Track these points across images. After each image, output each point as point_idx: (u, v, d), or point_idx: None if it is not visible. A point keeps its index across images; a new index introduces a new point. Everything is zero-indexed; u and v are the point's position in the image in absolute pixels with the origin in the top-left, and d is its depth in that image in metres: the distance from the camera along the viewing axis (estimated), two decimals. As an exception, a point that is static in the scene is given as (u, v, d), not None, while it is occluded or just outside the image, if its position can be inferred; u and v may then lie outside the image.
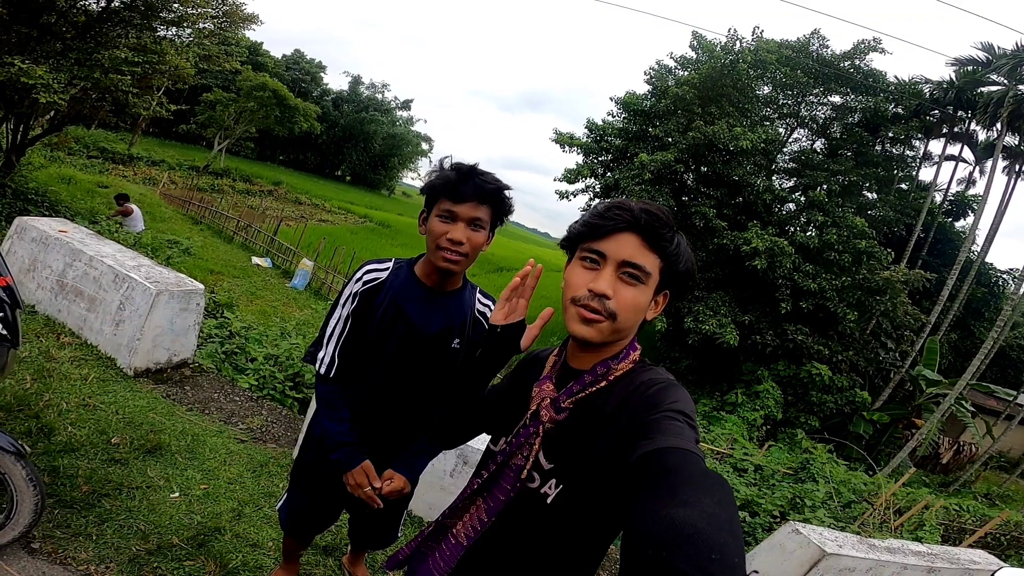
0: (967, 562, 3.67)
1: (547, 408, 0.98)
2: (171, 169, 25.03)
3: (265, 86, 27.48)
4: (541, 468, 0.99)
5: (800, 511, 6.35)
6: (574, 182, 17.85)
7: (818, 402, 14.25)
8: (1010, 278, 20.80)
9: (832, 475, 7.71)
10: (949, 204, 20.83)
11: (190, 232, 14.21)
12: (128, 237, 7.98)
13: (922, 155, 19.69)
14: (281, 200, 29.47)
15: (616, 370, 0.96)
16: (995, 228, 17.71)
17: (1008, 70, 14.94)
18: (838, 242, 14.63)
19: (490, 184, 1.39)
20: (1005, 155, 17.43)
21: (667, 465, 0.68)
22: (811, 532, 3.52)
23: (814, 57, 16.15)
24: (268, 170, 36.66)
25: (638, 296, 0.91)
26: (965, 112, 17.32)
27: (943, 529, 6.42)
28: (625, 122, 17.67)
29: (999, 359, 20.88)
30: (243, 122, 29.53)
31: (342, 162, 48.72)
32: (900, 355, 16.45)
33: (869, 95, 16.52)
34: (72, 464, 2.25)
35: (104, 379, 3.25)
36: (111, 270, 3.76)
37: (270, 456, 3.08)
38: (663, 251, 0.91)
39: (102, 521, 1.99)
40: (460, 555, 1.06)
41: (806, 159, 17.53)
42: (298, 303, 11.53)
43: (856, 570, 3.37)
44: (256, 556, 2.18)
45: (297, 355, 5.31)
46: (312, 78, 45.42)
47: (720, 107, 15.73)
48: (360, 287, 1.53)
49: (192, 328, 4.02)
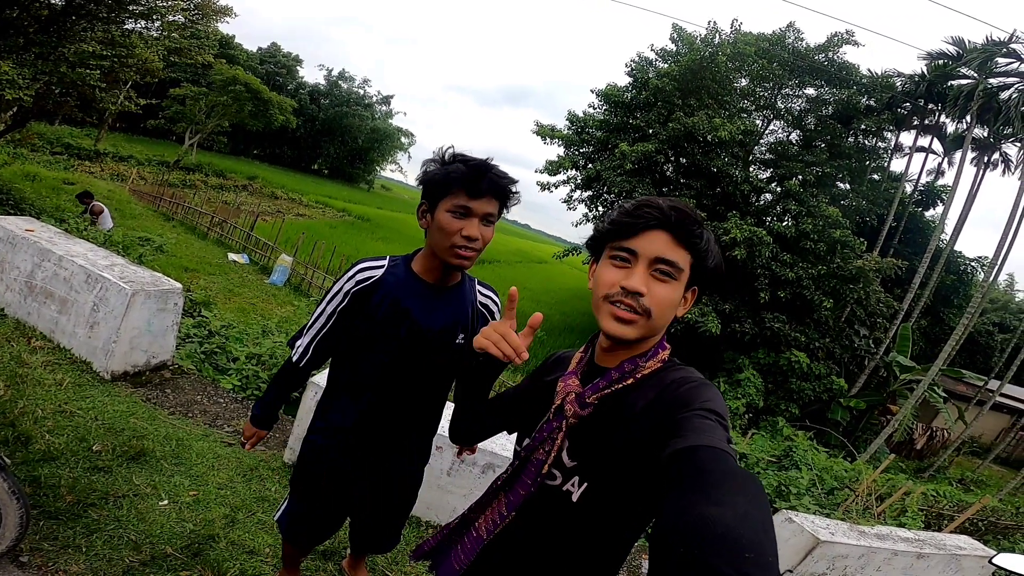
0: (954, 547, 3.78)
1: (572, 403, 0.97)
2: (140, 165, 24.26)
3: (237, 79, 26.77)
4: (563, 466, 0.98)
5: (786, 499, 6.45)
6: (556, 174, 17.87)
7: (797, 389, 14.56)
8: (978, 266, 21.51)
9: (814, 462, 7.87)
10: (919, 194, 21.41)
11: (162, 229, 13.79)
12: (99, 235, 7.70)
13: (893, 147, 20.16)
14: (257, 195, 28.82)
15: (644, 368, 0.95)
16: (964, 217, 18.25)
17: (978, 64, 15.34)
18: (814, 231, 14.92)
19: (506, 180, 1.36)
20: (974, 147, 17.95)
21: (699, 463, 0.67)
22: (804, 520, 3.59)
23: (790, 50, 16.37)
24: (242, 164, 35.81)
25: (671, 292, 0.91)
26: (935, 105, 17.75)
27: (923, 515, 6.60)
28: (606, 114, 17.71)
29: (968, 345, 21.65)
30: (215, 116, 28.75)
31: (319, 156, 47.99)
32: (874, 342, 16.89)
33: (842, 88, 16.81)
34: (53, 473, 2.14)
35: (80, 384, 3.11)
36: (83, 270, 3.60)
37: (259, 459, 2.99)
38: (694, 247, 0.91)
39: (91, 532, 1.90)
40: (479, 549, 1.06)
41: (782, 150, 17.79)
42: (278, 300, 11.30)
43: (849, 557, 3.45)
44: (254, 564, 2.10)
45: (280, 354, 5.20)
46: (288, 71, 44.58)
47: (699, 99, 15.86)
48: (352, 286, 1.47)
49: (170, 329, 3.88)
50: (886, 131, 18.87)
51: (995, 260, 15.82)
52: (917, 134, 19.42)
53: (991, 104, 15.34)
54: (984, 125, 16.63)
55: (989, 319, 25.03)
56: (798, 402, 14.66)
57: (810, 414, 15.09)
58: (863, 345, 16.64)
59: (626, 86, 17.39)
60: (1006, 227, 15.13)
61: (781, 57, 16.14)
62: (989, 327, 24.42)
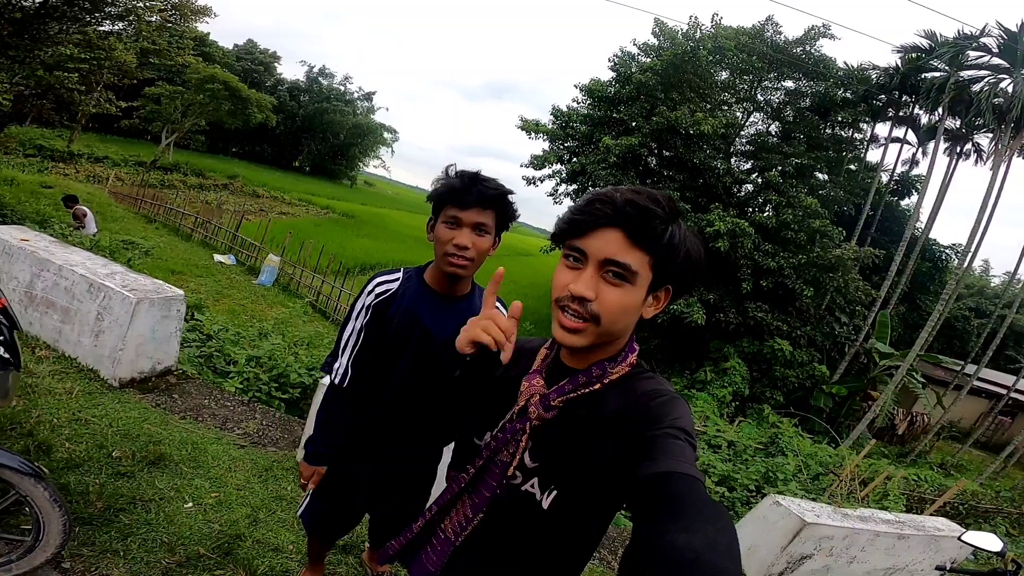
0: (932, 529, 3.98)
1: (536, 405, 0.93)
2: (116, 166, 23.76)
3: (215, 78, 26.32)
4: (524, 467, 0.97)
5: (774, 484, 6.68)
6: (541, 168, 17.99)
7: (781, 377, 14.91)
8: (953, 253, 22.15)
9: (800, 448, 8.13)
10: (895, 184, 21.93)
11: (145, 231, 13.60)
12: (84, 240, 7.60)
13: (869, 138, 20.60)
14: (238, 194, 28.45)
15: (612, 373, 0.91)
16: (938, 206, 18.75)
17: (949, 57, 15.76)
18: (794, 222, 15.26)
19: (492, 190, 1.42)
20: (946, 137, 18.45)
21: (671, 491, 0.68)
22: (791, 503, 3.76)
23: (768, 43, 16.64)
24: (221, 163, 35.24)
25: (624, 297, 0.84)
26: (909, 97, 18.17)
27: (905, 499, 6.84)
28: (590, 108, 17.83)
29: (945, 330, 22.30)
30: (192, 115, 28.26)
31: (300, 153, 47.44)
32: (854, 329, 17.33)
33: (819, 80, 17.16)
34: (80, 480, 2.20)
35: (90, 392, 3.14)
36: (84, 279, 3.61)
37: (273, 460, 3.06)
38: (652, 246, 0.82)
39: (125, 536, 1.96)
40: (450, 551, 1.05)
41: (762, 142, 18.09)
42: (267, 300, 11.26)
43: (834, 538, 3.62)
44: (281, 560, 2.19)
45: (279, 355, 5.23)
46: (266, 68, 43.96)
47: (681, 92, 16.06)
48: (373, 300, 1.56)
49: (174, 335, 3.92)
50: (862, 123, 19.30)
51: (969, 247, 16.32)
52: (892, 125, 19.90)
53: (963, 96, 15.78)
54: (956, 116, 17.09)
55: (964, 304, 25.81)
56: (782, 389, 15.02)
57: (794, 401, 15.48)
58: (843, 332, 17.08)
59: (609, 80, 17.52)
60: (979, 214, 15.61)
61: (760, 51, 16.41)
62: (965, 312, 25.20)
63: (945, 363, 18.56)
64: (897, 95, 18.25)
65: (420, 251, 26.61)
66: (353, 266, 16.54)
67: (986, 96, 14.82)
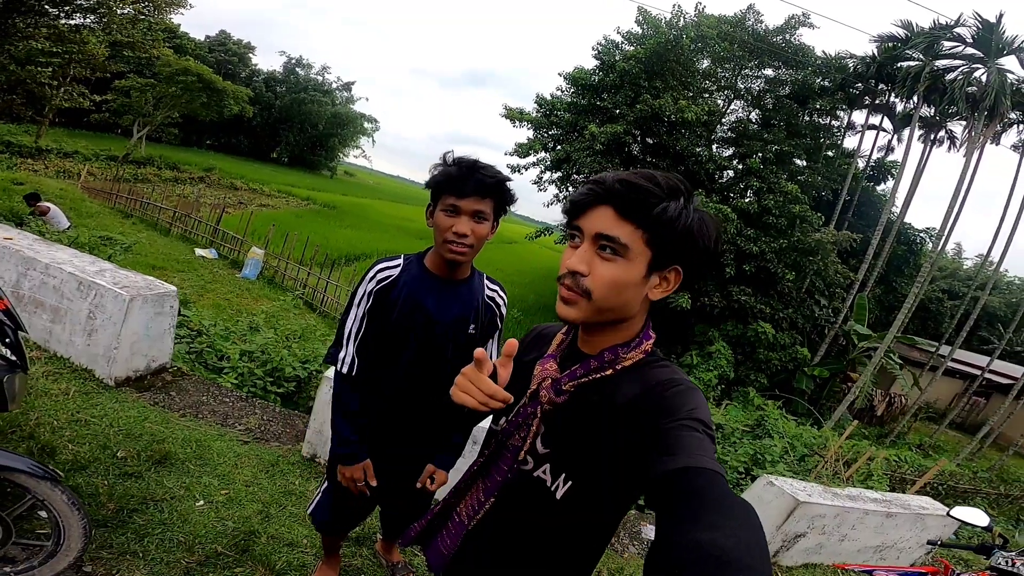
0: (918, 508, 4.13)
1: (547, 389, 0.93)
2: (87, 161, 23.01)
3: (189, 70, 25.60)
4: (536, 452, 0.96)
5: (762, 466, 6.83)
6: (526, 156, 18.02)
7: (765, 360, 15.24)
8: (927, 236, 22.73)
9: (785, 430, 8.31)
10: (871, 170, 22.38)
11: (122, 227, 13.24)
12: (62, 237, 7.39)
13: (846, 125, 20.98)
14: (215, 186, 27.82)
15: (625, 359, 0.90)
16: (912, 191, 19.22)
17: (924, 47, 16.08)
18: (775, 207, 15.55)
19: (491, 178, 1.43)
20: (921, 125, 18.88)
21: (691, 487, 0.67)
22: (784, 484, 3.87)
23: (750, 31, 16.78)
24: (196, 156, 34.38)
25: (616, 272, 0.84)
26: (885, 85, 18.52)
27: (887, 479, 7.05)
28: (574, 96, 17.83)
29: (920, 312, 22.94)
30: (164, 108, 27.45)
31: (278, 144, 46.56)
32: (833, 311, 17.75)
33: (799, 69, 17.39)
34: (88, 482, 2.17)
35: (86, 392, 3.08)
36: (73, 277, 3.52)
37: (278, 455, 3.05)
38: (643, 220, 0.82)
39: (141, 537, 1.95)
40: (463, 534, 1.06)
41: (743, 129, 18.31)
42: (252, 294, 11.09)
43: (826, 516, 3.75)
44: (296, 555, 2.19)
45: (272, 349, 5.17)
46: (240, 59, 42.97)
47: (665, 81, 16.13)
48: (374, 286, 1.56)
49: (168, 332, 3.85)
50: (839, 110, 19.63)
51: (942, 230, 16.78)
52: (868, 113, 20.27)
53: (937, 85, 16.14)
54: (931, 105, 17.50)
55: (938, 286, 26.56)
56: (766, 372, 15.35)
57: (778, 383, 15.84)
58: (823, 315, 17.48)
59: (593, 69, 17.50)
60: (952, 199, 16.04)
61: (741, 39, 16.53)
62: (939, 294, 25.94)
63: (921, 344, 19.11)
64: (873, 83, 18.57)
65: (404, 241, 26.38)
66: (338, 257, 16.37)
67: (960, 85, 15.18)
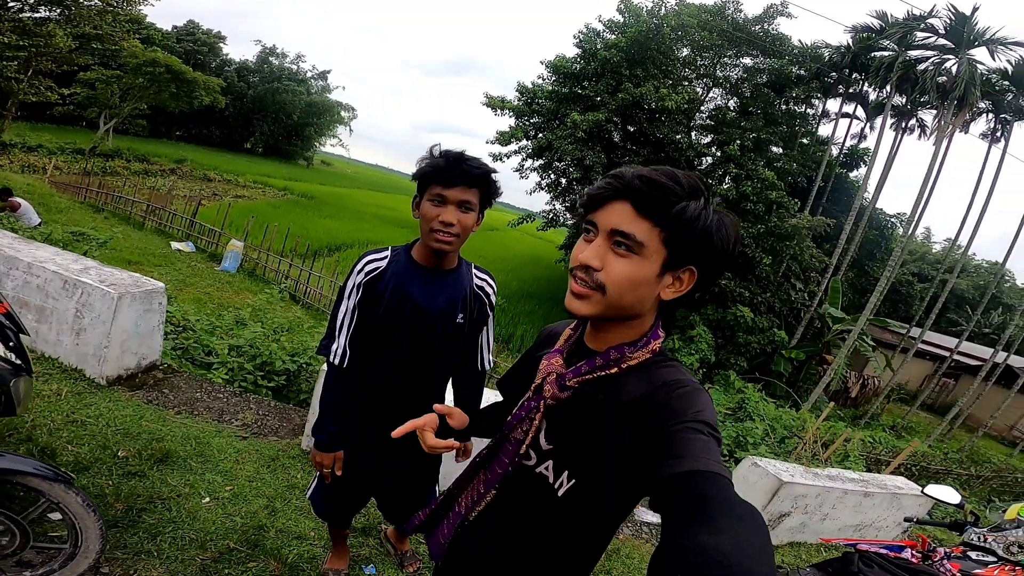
0: (893, 487, 4.32)
1: (551, 384, 0.93)
2: (52, 154, 22.26)
3: (157, 61, 24.81)
4: (539, 447, 0.96)
5: (745, 448, 7.05)
6: (507, 144, 17.95)
7: (744, 343, 15.60)
8: (898, 221, 23.42)
9: (766, 413, 8.57)
10: (844, 157, 22.87)
11: (93, 221, 12.84)
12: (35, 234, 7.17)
13: (821, 113, 21.38)
14: (187, 178, 27.13)
15: (632, 358, 0.89)
16: (884, 178, 19.73)
17: (898, 38, 16.44)
18: (753, 193, 15.85)
19: (477, 169, 1.46)
20: (893, 113, 19.34)
21: (697, 491, 0.66)
22: (768, 465, 4.02)
23: (729, 20, 16.92)
24: (166, 147, 33.42)
25: (630, 268, 0.83)
26: (859, 74, 18.90)
27: (864, 460, 7.32)
28: (555, 85, 17.80)
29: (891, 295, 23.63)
30: (132, 99, 26.61)
31: (252, 134, 45.50)
32: (809, 295, 18.21)
33: (775, 58, 17.62)
34: (94, 483, 2.16)
35: (79, 392, 3.04)
36: (57, 276, 3.45)
37: (277, 449, 3.06)
38: (660, 218, 0.81)
39: (154, 536, 1.96)
40: (458, 524, 1.07)
41: (722, 117, 18.52)
42: (233, 287, 10.91)
43: (808, 496, 3.90)
44: (306, 547, 2.22)
45: (262, 343, 5.13)
46: (210, 49, 41.81)
47: (646, 69, 16.20)
48: (363, 278, 1.58)
49: (157, 329, 3.81)
50: (814, 98, 19.97)
51: (913, 216, 17.30)
52: (842, 101, 20.70)
53: (909, 75, 16.54)
54: (903, 94, 17.91)
55: (908, 270, 27.43)
56: (745, 355, 15.72)
57: (757, 366, 16.24)
58: (799, 298, 17.93)
59: (575, 57, 17.48)
60: (922, 186, 16.52)
61: (721, 28, 16.66)
62: (909, 277, 26.79)
63: (893, 326, 19.72)
64: (847, 73, 18.94)
65: (385, 229, 26.13)
66: (319, 248, 16.16)
67: (931, 75, 15.58)
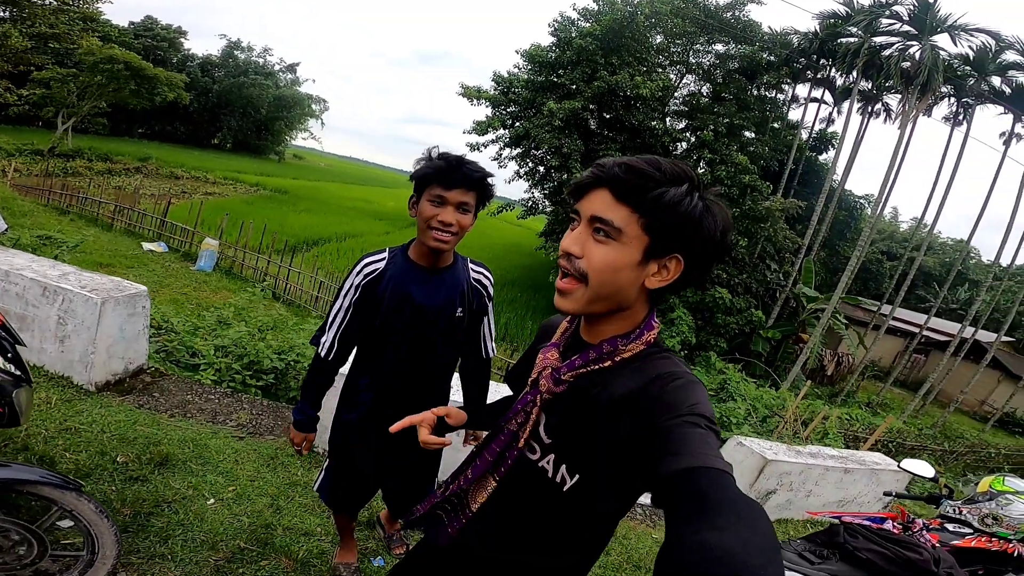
0: (872, 463, 4.50)
1: (547, 378, 0.94)
2: (9, 156, 21.38)
3: (115, 58, 23.92)
4: (541, 441, 0.96)
5: (728, 428, 7.24)
6: (484, 133, 17.96)
7: (723, 324, 15.95)
8: (866, 202, 24.09)
9: (747, 393, 8.80)
10: (813, 140, 23.40)
11: (60, 224, 12.41)
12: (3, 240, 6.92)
13: (790, 98, 21.86)
14: (153, 176, 26.33)
15: (625, 351, 0.88)
16: (852, 160, 20.29)
17: (864, 24, 16.82)
18: (727, 177, 16.16)
19: (476, 173, 1.52)
20: (859, 98, 19.83)
21: (698, 487, 0.65)
22: (753, 444, 4.16)
23: (701, 7, 17.08)
24: (129, 145, 32.32)
25: (610, 254, 0.82)
26: (827, 60, 19.31)
27: (842, 437, 7.57)
28: (531, 74, 17.77)
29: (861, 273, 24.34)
30: (90, 97, 25.63)
31: (219, 130, 44.35)
32: (783, 275, 18.68)
33: (746, 45, 17.88)
34: (97, 489, 2.14)
35: (68, 399, 2.99)
36: (36, 283, 3.37)
37: (275, 447, 3.06)
38: (638, 203, 0.80)
39: (164, 539, 1.96)
40: (433, 504, 1.09)
41: (695, 103, 18.76)
42: (211, 286, 10.70)
43: (791, 473, 4.05)
44: (314, 544, 2.25)
45: (248, 342, 5.08)
46: (170, 44, 40.49)
47: (620, 57, 16.29)
48: (361, 279, 1.64)
49: (142, 332, 3.75)
50: (784, 84, 20.37)
51: (880, 196, 17.83)
52: (811, 87, 21.15)
53: (875, 60, 16.96)
54: (869, 79, 18.37)
55: (877, 248, 28.29)
56: (725, 336, 16.08)
57: (736, 347, 16.63)
58: (775, 279, 18.38)
59: (550, 46, 17.47)
60: (889, 167, 17.02)
61: (693, 15, 16.83)
62: (878, 255, 27.67)
63: (864, 304, 20.37)
64: (815, 59, 19.33)
65: (363, 222, 25.85)
66: (297, 243, 15.92)
67: (896, 61, 16.00)
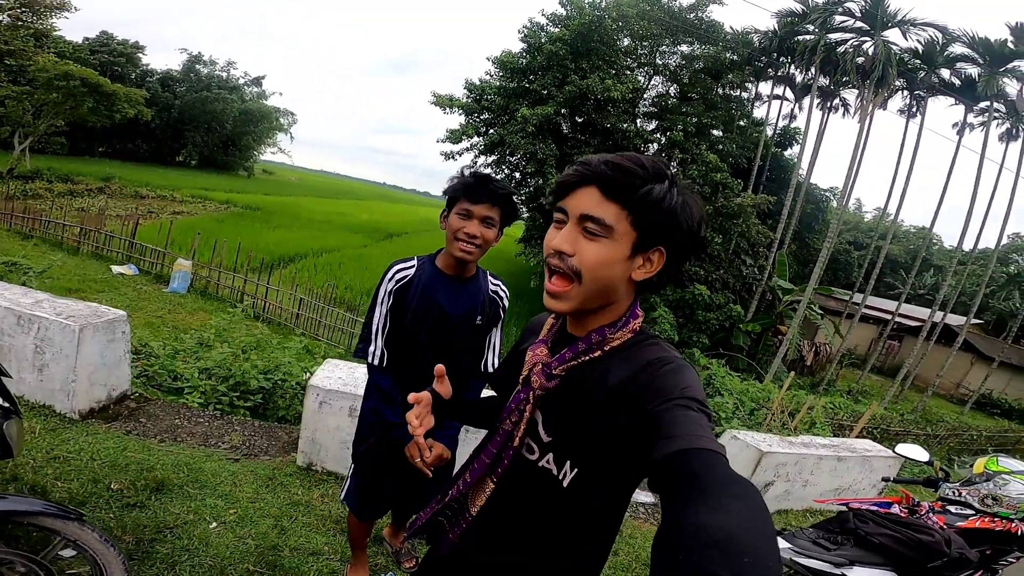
0: (863, 450, 4.59)
1: (538, 374, 0.94)
2: (-34, 180, 20.54)
3: (71, 75, 23.23)
4: (540, 440, 0.95)
5: (718, 423, 7.33)
6: (458, 141, 17.91)
7: (704, 320, 16.21)
8: (831, 195, 24.88)
9: (732, 387, 8.93)
10: (778, 136, 24.08)
11: (23, 249, 11.97)
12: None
13: (754, 96, 22.43)
14: (118, 197, 25.53)
15: (613, 339, 0.89)
16: (815, 154, 20.94)
17: (820, 22, 17.41)
18: (698, 176, 16.51)
19: (501, 190, 1.62)
20: (818, 94, 20.50)
21: (691, 469, 0.65)
22: (747, 437, 4.22)
23: (665, 9, 17.45)
24: (90, 165, 31.25)
25: (602, 251, 0.84)
26: (786, 58, 19.95)
27: (829, 426, 7.69)
28: (503, 80, 17.87)
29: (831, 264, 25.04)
30: (47, 116, 24.82)
31: (183, 147, 43.26)
32: (759, 269, 19.11)
33: (710, 44, 18.32)
34: (95, 517, 2.07)
35: (53, 428, 2.88)
36: (10, 312, 3.24)
37: (272, 468, 3.00)
38: (627, 200, 0.82)
39: (172, 566, 1.90)
40: (437, 513, 1.08)
41: (664, 104, 19.12)
42: (186, 308, 10.43)
43: (787, 464, 4.11)
44: (323, 563, 2.21)
45: (232, 364, 4.96)
46: (128, 59, 39.39)
47: (590, 61, 16.53)
48: (393, 286, 1.73)
49: (123, 358, 3.64)
50: (748, 82, 20.92)
51: (844, 188, 18.42)
52: (773, 84, 21.83)
53: (831, 57, 17.58)
54: (826, 75, 19.01)
55: (845, 239, 29.17)
56: (706, 332, 16.34)
57: (718, 342, 16.91)
58: (750, 273, 18.79)
59: (520, 52, 17.61)
60: (851, 160, 17.60)
61: (658, 16, 17.17)
62: (846, 246, 28.53)
63: (837, 294, 20.97)
64: (776, 56, 19.94)
65: (340, 235, 25.49)
66: (272, 260, 15.61)
67: (850, 57, 16.59)
